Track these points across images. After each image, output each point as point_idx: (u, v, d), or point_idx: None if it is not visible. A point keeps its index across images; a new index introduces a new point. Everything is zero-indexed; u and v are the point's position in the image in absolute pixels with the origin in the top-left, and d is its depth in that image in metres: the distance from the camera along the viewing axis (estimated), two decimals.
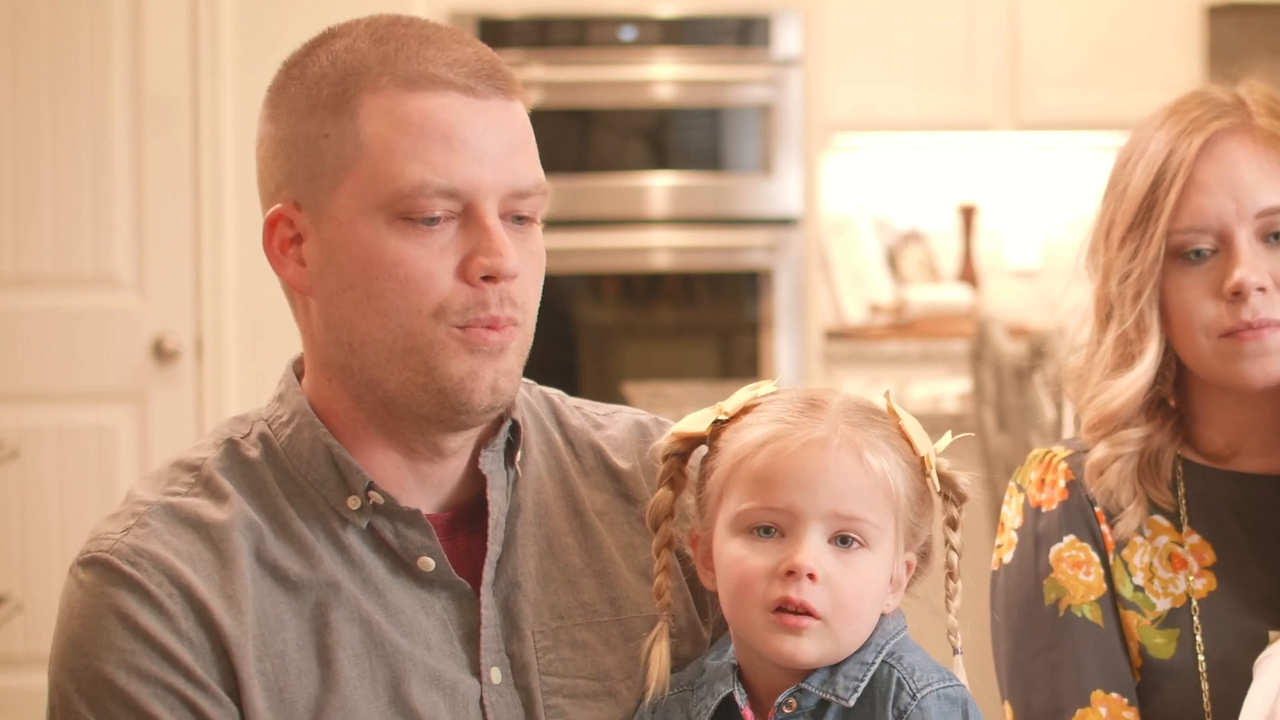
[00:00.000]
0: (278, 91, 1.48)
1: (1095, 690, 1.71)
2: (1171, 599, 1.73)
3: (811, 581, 1.41)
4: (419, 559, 1.46)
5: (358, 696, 1.42)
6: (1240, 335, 1.67)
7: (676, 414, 4.24)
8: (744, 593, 1.43)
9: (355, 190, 1.42)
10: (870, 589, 1.44)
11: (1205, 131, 1.69)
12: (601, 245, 5.33)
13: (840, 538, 1.43)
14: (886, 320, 5.83)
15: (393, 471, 1.48)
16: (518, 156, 1.45)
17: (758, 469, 1.44)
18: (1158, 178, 1.69)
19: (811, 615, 1.41)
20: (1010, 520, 1.79)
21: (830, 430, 1.45)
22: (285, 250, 1.46)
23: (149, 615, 1.38)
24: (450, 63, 1.43)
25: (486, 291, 1.42)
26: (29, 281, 4.70)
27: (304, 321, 1.49)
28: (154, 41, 4.70)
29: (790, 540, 1.42)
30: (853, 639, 1.44)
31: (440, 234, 1.42)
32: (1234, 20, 5.86)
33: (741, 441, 1.47)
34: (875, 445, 1.46)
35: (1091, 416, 1.74)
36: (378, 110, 1.42)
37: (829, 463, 1.44)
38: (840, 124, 5.77)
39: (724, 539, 1.46)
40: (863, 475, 1.44)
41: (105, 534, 1.42)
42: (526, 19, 5.31)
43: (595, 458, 1.60)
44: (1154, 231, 1.69)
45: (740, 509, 1.44)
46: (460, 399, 1.43)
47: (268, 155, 1.47)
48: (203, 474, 1.46)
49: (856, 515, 1.43)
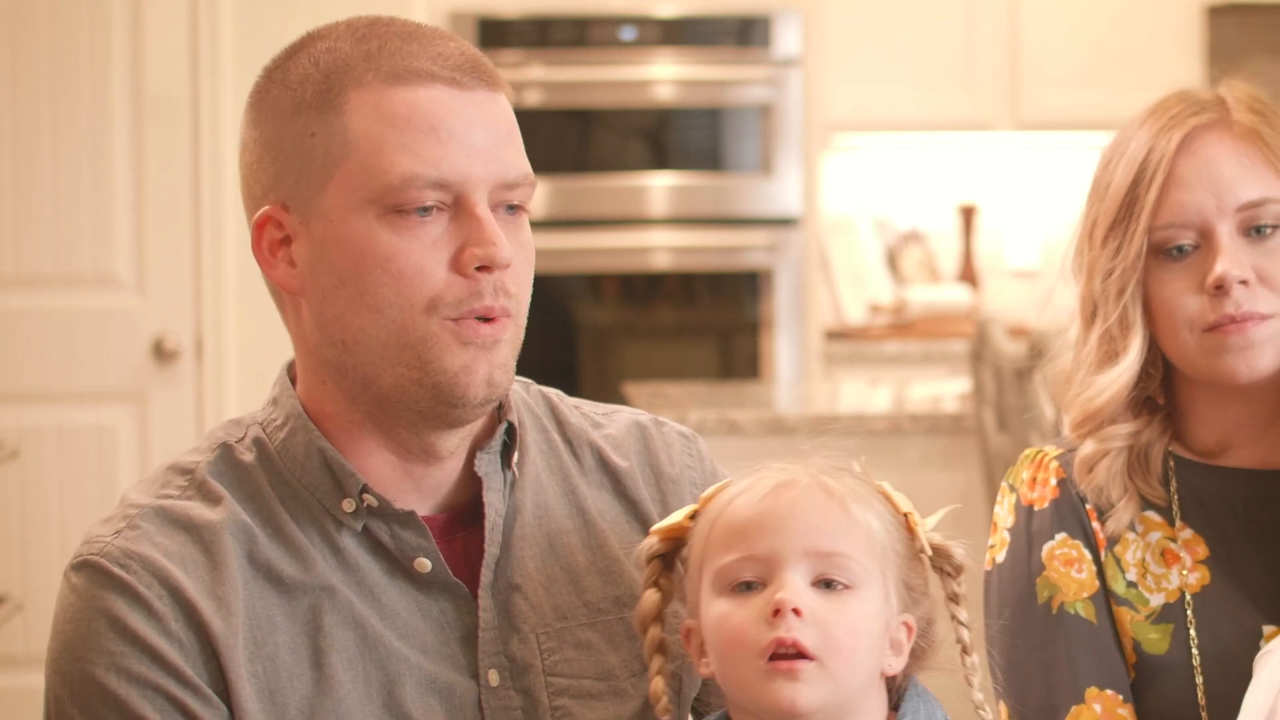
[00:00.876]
0: (259, 96, 1.48)
1: (1090, 687, 1.71)
2: (1165, 594, 1.73)
3: (798, 617, 1.37)
4: (415, 560, 1.46)
5: (351, 700, 1.42)
6: (1224, 329, 1.67)
7: (677, 414, 4.25)
8: (734, 648, 1.39)
9: (345, 186, 1.42)
10: (863, 629, 1.40)
11: (1184, 128, 1.70)
12: (601, 245, 5.33)
13: (824, 581, 1.40)
14: (886, 320, 5.83)
15: (388, 473, 1.48)
16: (505, 148, 1.45)
17: (731, 521, 1.43)
18: (1138, 175, 1.70)
19: (805, 656, 1.37)
20: (1003, 520, 1.79)
21: (800, 473, 1.45)
22: (275, 252, 1.47)
23: (138, 618, 1.38)
24: (434, 57, 1.44)
25: (480, 282, 1.42)
26: (29, 281, 4.70)
27: (295, 325, 1.49)
28: (154, 41, 4.70)
29: (773, 587, 1.39)
30: (852, 680, 1.40)
31: (432, 226, 1.42)
32: (1234, 20, 5.86)
33: (715, 508, 1.45)
34: (850, 489, 1.45)
35: (1076, 413, 1.75)
36: (364, 105, 1.42)
37: (798, 498, 1.42)
38: (840, 124, 5.77)
39: (709, 605, 1.42)
40: (837, 510, 1.42)
41: (97, 537, 1.43)
42: (526, 19, 5.31)
43: (594, 457, 1.60)
44: (1135, 228, 1.70)
45: (719, 566, 1.41)
46: (455, 393, 1.43)
47: (253, 160, 1.48)
48: (196, 477, 1.47)
49: (836, 550, 1.40)
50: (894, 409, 4.20)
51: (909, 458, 4.01)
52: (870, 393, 4.84)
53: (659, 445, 1.63)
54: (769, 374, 5.44)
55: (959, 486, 4.03)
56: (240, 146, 1.50)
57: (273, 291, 1.50)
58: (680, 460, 1.63)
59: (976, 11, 5.78)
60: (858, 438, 4.32)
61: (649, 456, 1.62)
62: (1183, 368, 1.73)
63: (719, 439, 3.85)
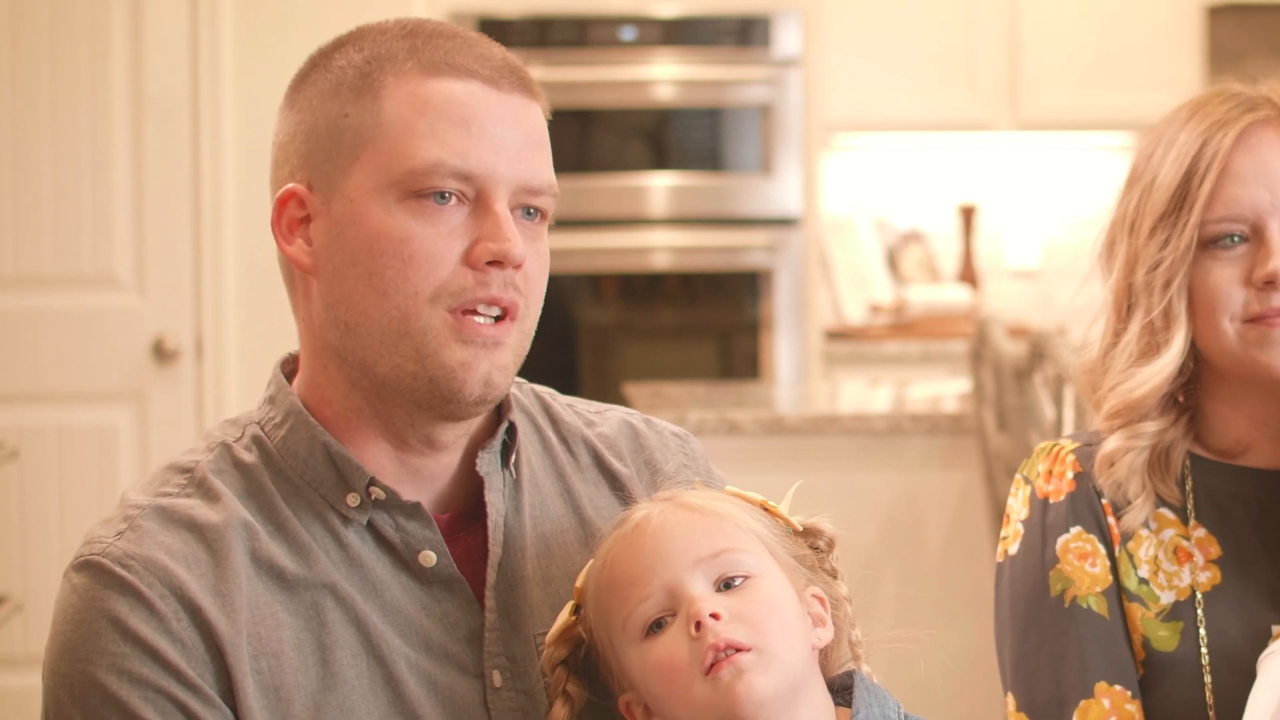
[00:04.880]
0: (301, 79, 1.49)
1: (1099, 682, 1.71)
2: (1176, 592, 1.73)
3: (718, 620, 1.38)
4: (420, 553, 1.46)
5: (356, 696, 1.42)
6: (1269, 321, 1.70)
7: (677, 414, 4.22)
8: (673, 677, 1.39)
9: (370, 167, 1.43)
10: (780, 605, 1.42)
11: (1239, 124, 1.72)
12: (601, 245, 5.33)
13: (724, 582, 1.41)
14: (886, 320, 5.83)
15: (386, 464, 1.48)
16: (533, 153, 1.46)
17: (613, 577, 1.43)
18: (1191, 168, 1.72)
19: (740, 649, 1.38)
20: (1016, 512, 1.80)
21: (650, 505, 1.46)
22: (293, 230, 1.47)
23: (141, 618, 1.38)
24: (476, 57, 1.46)
25: (490, 274, 1.43)
26: (29, 281, 4.70)
27: (303, 306, 1.49)
28: (154, 41, 4.70)
29: (684, 607, 1.40)
30: (791, 655, 1.40)
31: (450, 216, 1.43)
32: (1234, 20, 5.86)
33: (593, 581, 1.46)
34: (704, 497, 1.47)
35: (1114, 404, 1.76)
36: (400, 90, 1.43)
37: (663, 523, 1.43)
38: (840, 124, 5.77)
39: (634, 658, 1.42)
40: (701, 517, 1.44)
41: (98, 538, 1.42)
42: (526, 19, 5.31)
43: (590, 454, 1.60)
44: (1187, 220, 1.72)
45: (624, 621, 1.42)
46: (452, 387, 1.43)
47: (285, 139, 1.48)
48: (195, 476, 1.46)
49: (719, 549, 1.42)
50: (894, 409, 4.20)
51: (909, 458, 4.01)
52: (870, 393, 4.84)
53: (653, 444, 1.63)
54: (769, 374, 5.44)
55: (959, 486, 4.03)
56: (275, 129, 1.50)
57: (285, 271, 1.50)
58: (675, 460, 1.63)
59: (976, 11, 5.78)
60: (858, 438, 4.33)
61: (643, 454, 1.62)
62: (1220, 361, 1.74)
63: (719, 439, 3.85)
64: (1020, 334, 4.76)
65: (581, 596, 1.47)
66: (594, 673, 1.48)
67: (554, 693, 1.46)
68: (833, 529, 1.52)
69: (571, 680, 1.46)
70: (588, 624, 1.46)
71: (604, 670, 1.47)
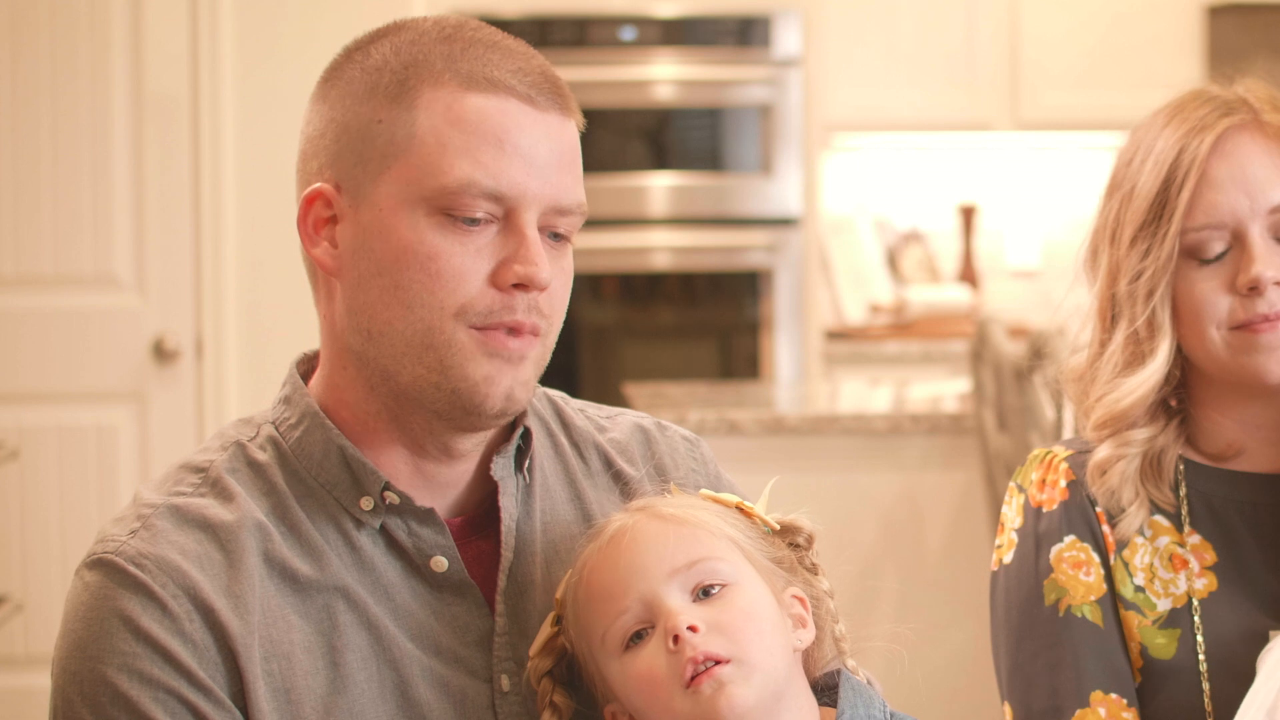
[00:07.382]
0: (334, 72, 1.48)
1: (1095, 691, 1.71)
2: (1172, 599, 1.73)
3: (696, 633, 1.38)
4: (432, 559, 1.46)
5: (365, 699, 1.42)
6: (1255, 327, 1.68)
7: (677, 414, 4.22)
8: (654, 691, 1.39)
9: (401, 179, 1.42)
10: (758, 613, 1.42)
11: (1216, 129, 1.70)
12: (601, 245, 5.33)
13: (702, 590, 1.41)
14: (886, 320, 5.83)
15: (402, 469, 1.48)
16: (565, 173, 1.46)
17: (590, 591, 1.43)
18: (1169, 176, 1.70)
19: (719, 661, 1.38)
20: (1010, 520, 1.79)
21: (625, 516, 1.46)
22: (319, 230, 1.46)
23: (153, 618, 1.37)
24: (514, 70, 1.45)
25: (515, 298, 1.42)
26: (29, 281, 4.70)
27: (325, 306, 1.48)
28: (154, 41, 4.70)
29: (661, 620, 1.40)
30: (772, 663, 1.40)
31: (479, 236, 1.42)
32: (1234, 20, 5.86)
33: (571, 595, 1.46)
34: (677, 505, 1.47)
35: (1101, 414, 1.75)
36: (436, 103, 1.42)
37: (638, 535, 1.43)
38: (840, 124, 5.77)
39: (615, 671, 1.42)
40: (676, 526, 1.43)
41: (111, 536, 1.42)
42: (526, 19, 5.31)
43: (601, 459, 1.60)
44: (1167, 230, 1.70)
45: (604, 634, 1.42)
46: (474, 401, 1.43)
47: (315, 134, 1.47)
48: (210, 475, 1.46)
49: (695, 558, 1.42)
50: (894, 409, 4.20)
51: (909, 458, 4.01)
52: (870, 393, 4.84)
53: (664, 449, 1.63)
54: (769, 374, 5.44)
55: (959, 486, 4.02)
56: (304, 119, 1.49)
57: (309, 269, 1.50)
58: (685, 464, 1.63)
59: (976, 11, 5.78)
60: (858, 438, 4.32)
61: (654, 460, 1.62)
62: (1208, 368, 1.73)
63: (719, 439, 3.85)
64: (1020, 334, 4.76)
65: (562, 608, 1.47)
66: (580, 682, 1.48)
67: (541, 704, 1.46)
68: (811, 524, 1.51)
69: (558, 691, 1.46)
70: (569, 635, 1.46)
71: (588, 680, 1.47)
